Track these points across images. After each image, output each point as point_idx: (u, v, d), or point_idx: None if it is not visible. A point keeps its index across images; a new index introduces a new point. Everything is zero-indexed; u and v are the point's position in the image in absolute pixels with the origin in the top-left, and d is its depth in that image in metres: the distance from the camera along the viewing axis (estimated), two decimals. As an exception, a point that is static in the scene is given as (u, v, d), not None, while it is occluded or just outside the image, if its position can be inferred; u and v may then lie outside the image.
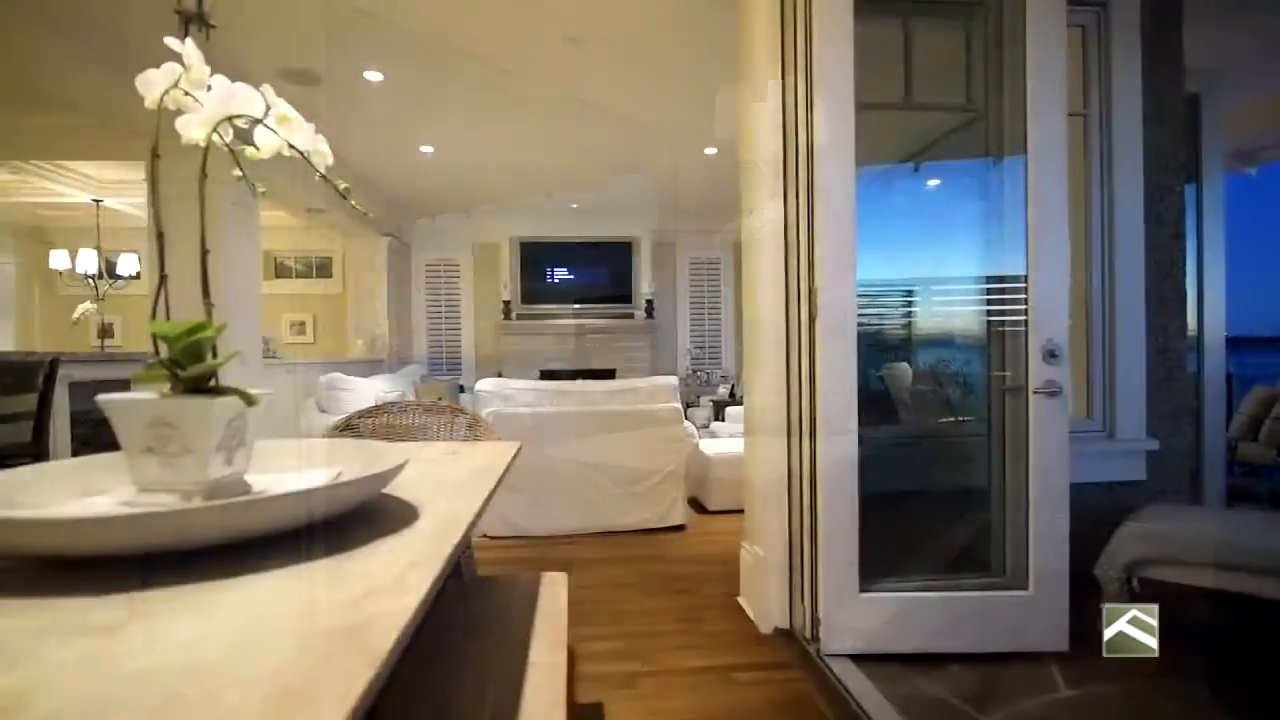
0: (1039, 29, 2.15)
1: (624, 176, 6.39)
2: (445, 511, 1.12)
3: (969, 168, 2.58)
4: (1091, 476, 2.60)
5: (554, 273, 8.21)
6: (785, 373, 2.38)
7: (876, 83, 2.47)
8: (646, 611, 2.69)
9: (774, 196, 2.39)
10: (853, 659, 2.17)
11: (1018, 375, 2.21)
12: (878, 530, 2.39)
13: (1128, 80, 2.60)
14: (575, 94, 4.38)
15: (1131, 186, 2.59)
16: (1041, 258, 2.14)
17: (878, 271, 2.59)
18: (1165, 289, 2.66)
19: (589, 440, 3.83)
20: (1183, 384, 2.70)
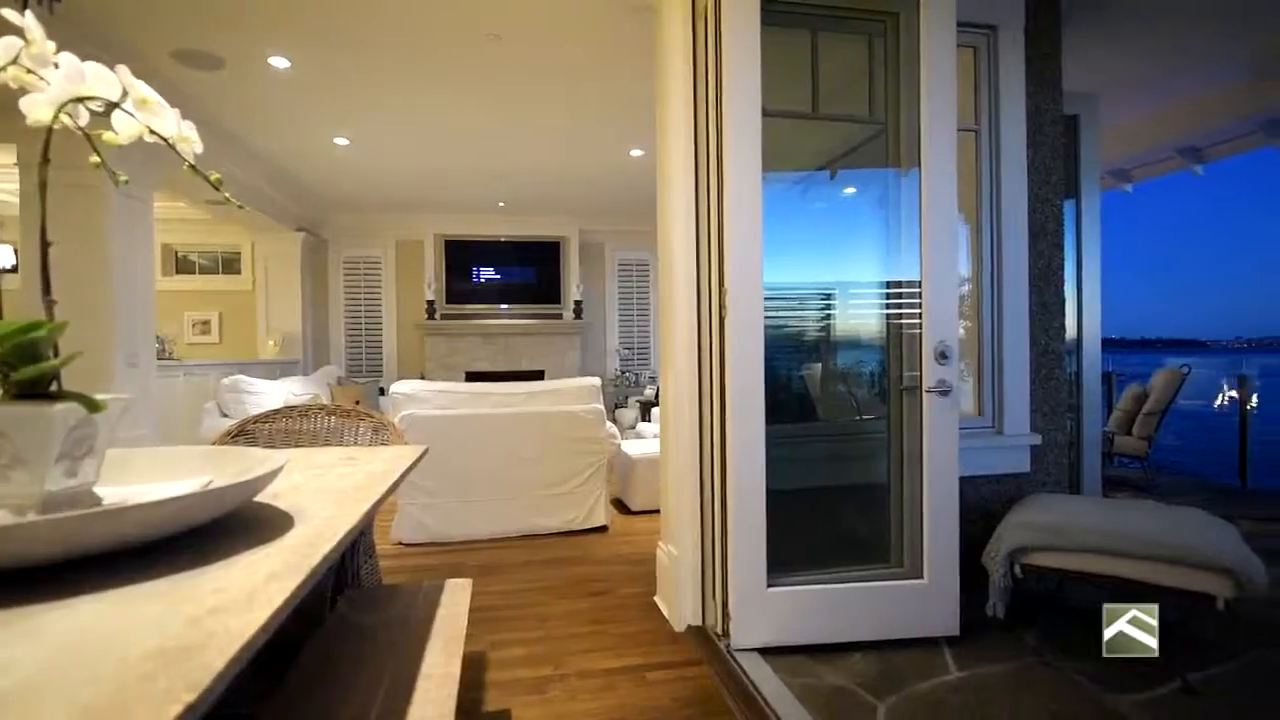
0: (932, 48, 2.28)
1: (551, 176, 6.34)
2: (324, 520, 1.07)
3: (878, 177, 2.71)
4: (982, 469, 2.78)
5: (480, 272, 8.05)
6: (697, 372, 2.42)
7: (790, 92, 2.55)
8: (563, 614, 2.67)
9: (687, 199, 2.42)
10: (761, 652, 2.23)
11: (914, 375, 2.33)
12: (788, 526, 2.46)
13: (1014, 99, 2.79)
14: (498, 91, 4.31)
15: (1016, 199, 2.78)
16: (933, 264, 2.26)
17: (797, 274, 2.68)
18: (1047, 295, 2.87)
19: (509, 443, 3.78)
20: (1062, 383, 2.92)
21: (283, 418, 2.39)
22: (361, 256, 8.08)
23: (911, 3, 2.32)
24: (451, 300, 7.98)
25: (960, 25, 2.69)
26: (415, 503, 3.61)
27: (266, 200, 6.29)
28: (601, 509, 3.84)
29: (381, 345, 8.13)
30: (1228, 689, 2.03)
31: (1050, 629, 2.43)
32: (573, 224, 8.18)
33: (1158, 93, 4.41)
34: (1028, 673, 2.14)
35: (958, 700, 1.98)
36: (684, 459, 2.45)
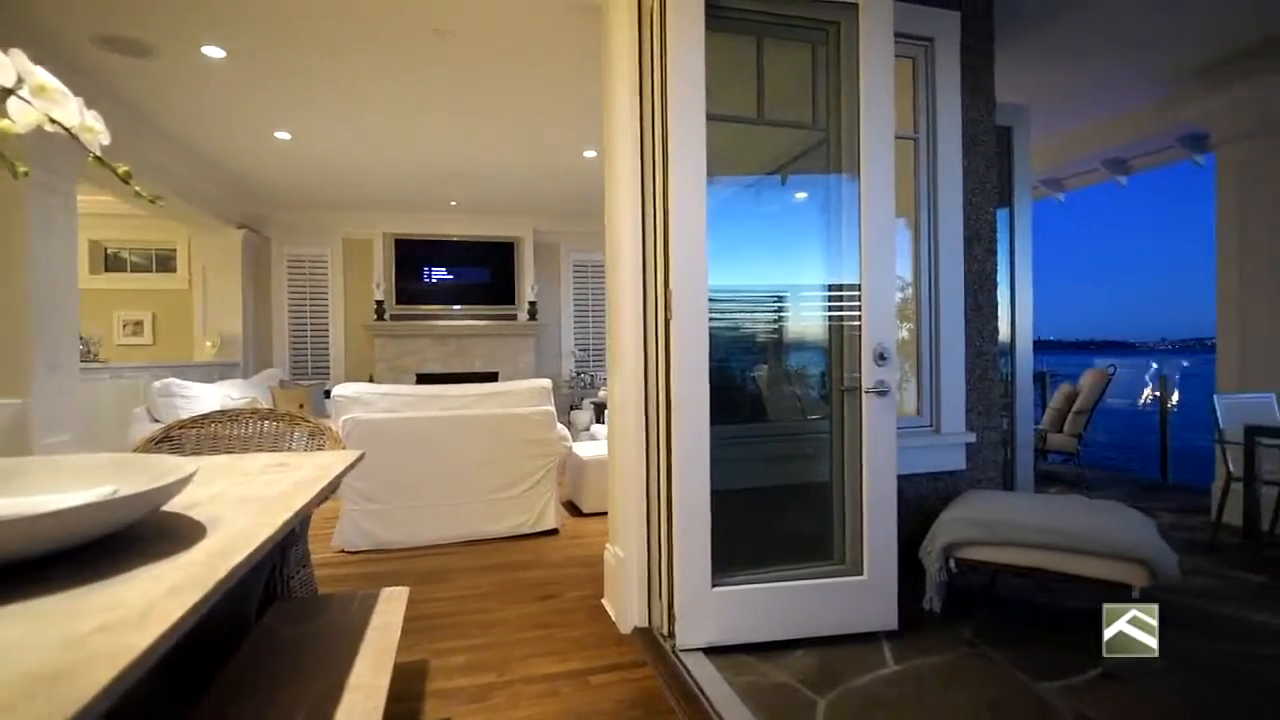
0: (870, 57, 2.34)
1: (504, 175, 6.27)
2: (240, 530, 1.03)
3: (823, 182, 2.76)
4: (921, 467, 2.87)
5: (431, 272, 7.89)
6: (643, 374, 2.42)
7: (738, 97, 2.58)
8: (509, 620, 2.63)
9: (632, 201, 2.42)
10: (706, 652, 2.24)
11: (854, 376, 2.38)
12: (735, 526, 2.48)
13: (950, 109, 2.89)
14: (447, 88, 4.23)
15: (953, 206, 2.88)
16: (872, 268, 2.32)
17: (747, 277, 2.71)
18: (981, 298, 2.98)
19: (458, 446, 3.71)
20: (996, 383, 3.04)
21: (211, 423, 2.29)
22: (307, 255, 7.82)
23: (851, 13, 2.37)
24: (402, 301, 7.80)
25: (899, 36, 2.77)
26: (358, 509, 3.51)
27: (203, 196, 6.03)
28: (552, 512, 3.80)
29: (328, 347, 7.89)
30: (1144, 673, 2.14)
31: (984, 621, 2.51)
32: (527, 224, 8.11)
33: (1085, 106, 4.64)
34: (962, 663, 2.21)
35: (894, 693, 2.03)
36: (630, 461, 2.45)
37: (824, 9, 2.39)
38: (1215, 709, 1.94)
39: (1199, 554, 3.32)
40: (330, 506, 3.61)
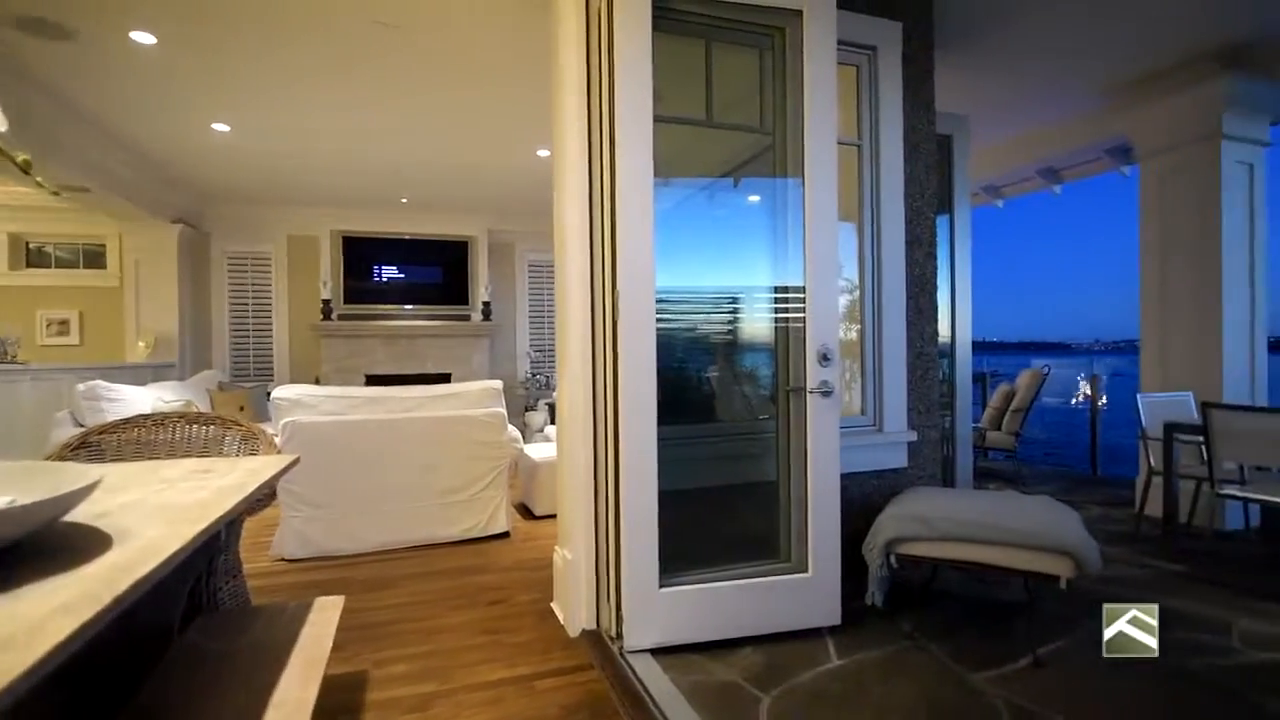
0: (814, 63, 2.38)
1: (456, 173, 6.16)
2: (148, 542, 0.98)
3: (773, 186, 2.79)
4: (865, 466, 2.93)
5: (381, 270, 7.69)
6: (591, 375, 2.41)
7: (690, 99, 2.59)
8: (455, 626, 2.58)
9: (580, 201, 2.41)
10: (654, 653, 2.25)
11: (800, 377, 2.42)
12: (684, 525, 2.49)
13: (892, 117, 2.97)
14: (395, 83, 4.12)
15: (895, 211, 2.96)
16: (816, 271, 2.36)
17: (700, 278, 2.72)
18: (922, 301, 3.07)
19: (405, 449, 3.62)
20: (936, 383, 3.14)
21: (135, 427, 2.18)
22: (249, 252, 7.52)
23: (796, 19, 2.41)
24: (350, 300, 7.58)
25: (843, 44, 2.83)
26: (299, 515, 3.39)
27: (135, 189, 5.73)
28: (503, 515, 3.75)
29: (272, 347, 7.60)
30: (1070, 659, 2.24)
31: (924, 614, 2.59)
32: (481, 223, 7.98)
33: (1021, 117, 4.83)
34: (902, 657, 2.27)
35: (837, 688, 2.07)
36: (578, 462, 2.43)
37: (770, 15, 2.42)
38: (1133, 691, 2.04)
39: (1123, 544, 3.49)
40: (271, 514, 3.48)
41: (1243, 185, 3.85)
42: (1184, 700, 2.00)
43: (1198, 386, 3.79)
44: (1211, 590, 2.86)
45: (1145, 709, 1.95)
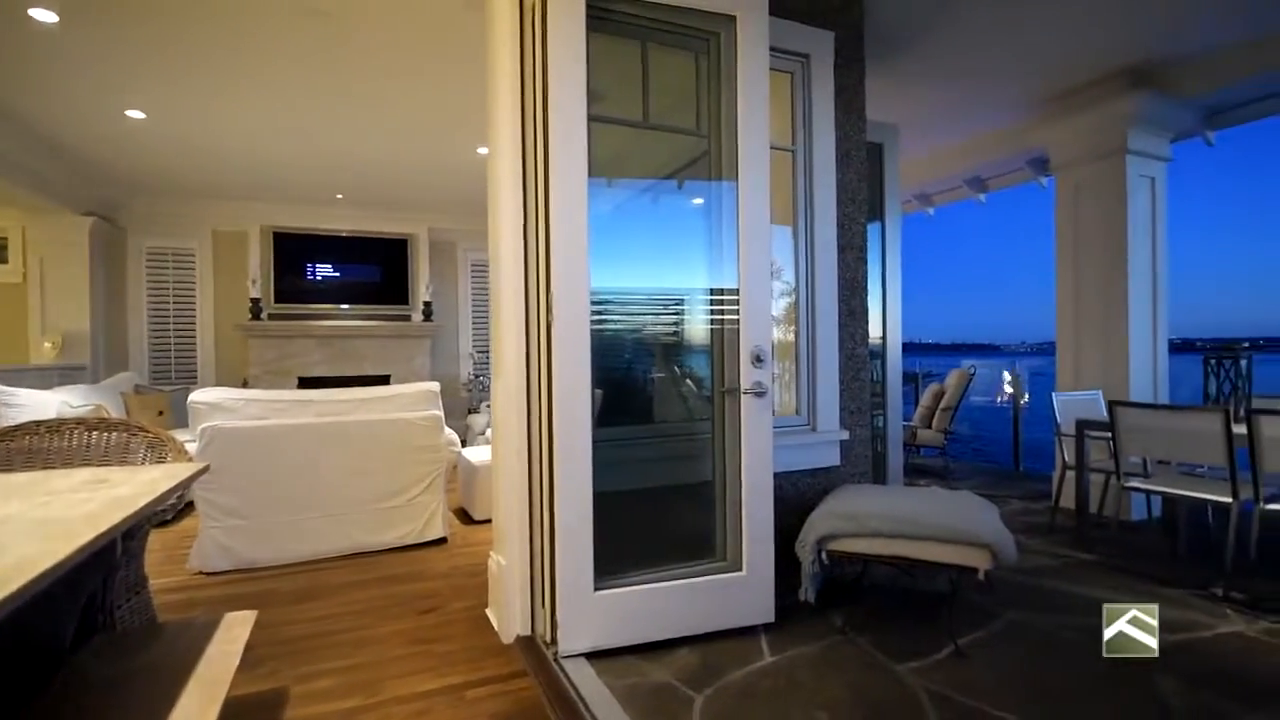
0: (747, 69, 2.41)
1: (395, 169, 5.98)
2: (18, 560, 0.90)
3: (711, 189, 2.82)
4: (800, 465, 2.99)
5: (315, 269, 7.40)
6: (525, 376, 2.37)
7: (631, 101, 2.58)
8: (386, 636, 2.50)
9: (514, 200, 2.37)
10: (589, 657, 2.23)
11: (734, 378, 2.45)
12: (621, 527, 2.48)
13: (825, 124, 3.04)
14: (329, 74, 3.97)
15: (827, 215, 3.03)
16: (749, 273, 2.40)
17: (642, 279, 2.72)
18: (853, 303, 3.15)
19: (336, 454, 3.49)
20: (868, 383, 3.23)
21: (25, 434, 2.02)
22: (170, 248, 7.11)
23: (730, 24, 2.44)
24: (281, 299, 7.26)
25: (778, 51, 2.89)
26: (219, 525, 3.22)
27: (40, 178, 5.33)
28: (440, 520, 3.66)
29: (195, 349, 7.21)
30: (989, 648, 2.34)
31: (854, 608, 2.66)
32: (421, 221, 7.78)
33: (949, 128, 5.04)
34: (833, 651, 2.32)
35: (769, 684, 2.10)
36: (513, 465, 2.39)
37: (704, 19, 2.45)
38: (1044, 676, 2.15)
39: (1040, 536, 3.69)
40: (189, 524, 3.29)
41: (1146, 198, 4.12)
42: (1089, 682, 2.12)
43: (1107, 385, 4.03)
44: (1117, 577, 3.04)
45: (1053, 692, 2.06)
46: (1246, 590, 2.79)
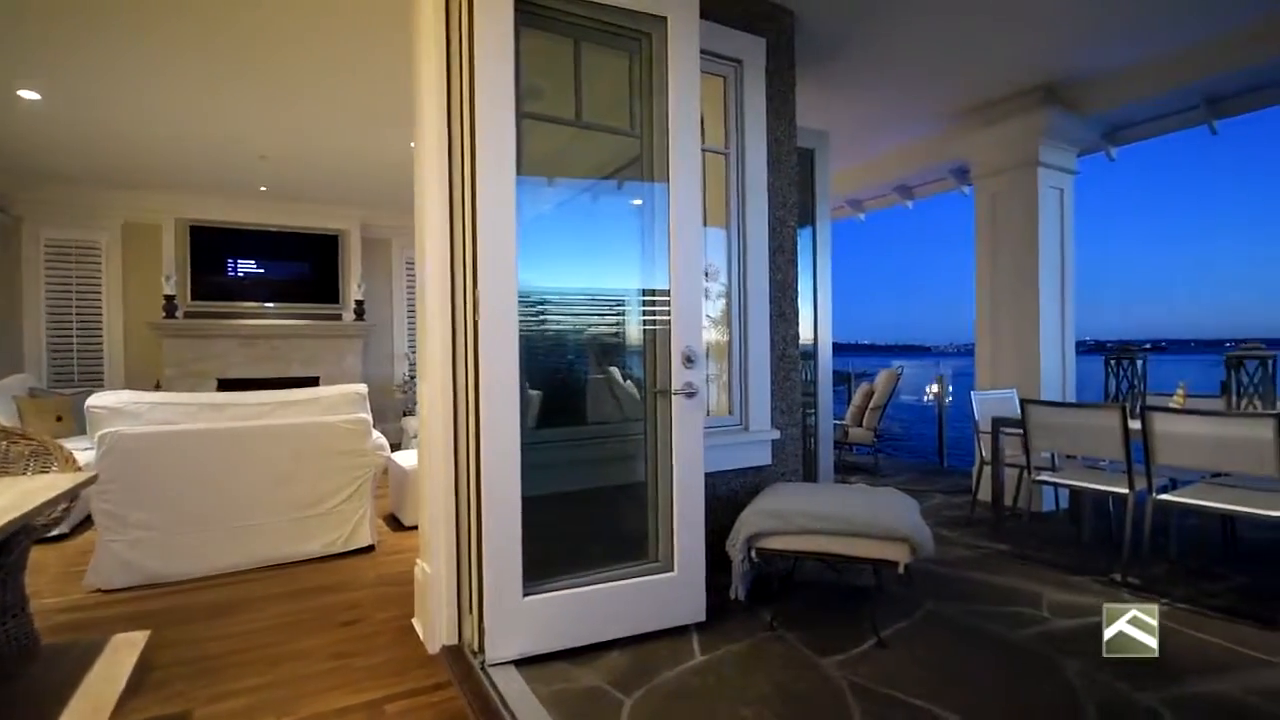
0: (678, 70, 2.42)
1: (324, 161, 5.74)
2: None
3: (646, 189, 2.81)
4: (732, 464, 3.03)
5: (237, 265, 7.03)
6: (452, 378, 2.31)
7: (569, 100, 2.55)
8: (305, 651, 2.39)
9: (440, 197, 2.31)
10: (518, 664, 2.19)
11: (666, 379, 2.45)
12: (552, 530, 2.45)
13: (757, 129, 3.09)
14: (248, 58, 3.76)
15: (759, 218, 3.09)
16: (680, 274, 2.41)
17: (576, 280, 2.69)
18: (784, 305, 3.22)
19: (255, 461, 3.31)
20: (798, 383, 3.30)
21: (-117, 445, 1.83)
22: (73, 240, 6.60)
23: (661, 25, 2.45)
24: (200, 297, 6.86)
25: (711, 55, 2.92)
26: (121, 539, 3.00)
27: (-84, 161, 4.87)
28: (367, 528, 3.53)
29: (102, 349, 6.72)
30: (909, 638, 2.43)
31: (784, 604, 2.71)
32: (353, 216, 7.50)
33: (878, 136, 5.22)
34: (762, 648, 2.36)
35: (698, 683, 2.11)
36: (438, 468, 2.32)
37: (636, 19, 2.44)
38: (960, 663, 2.24)
39: (959, 528, 3.86)
40: (88, 538, 3.06)
41: (1055, 208, 4.38)
42: (1000, 667, 2.22)
43: (1021, 385, 4.26)
44: (1028, 566, 3.21)
45: (967, 677, 2.15)
46: (1141, 575, 3.00)
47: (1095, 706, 1.97)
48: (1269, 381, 2.98)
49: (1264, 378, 2.99)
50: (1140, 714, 1.93)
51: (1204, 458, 2.78)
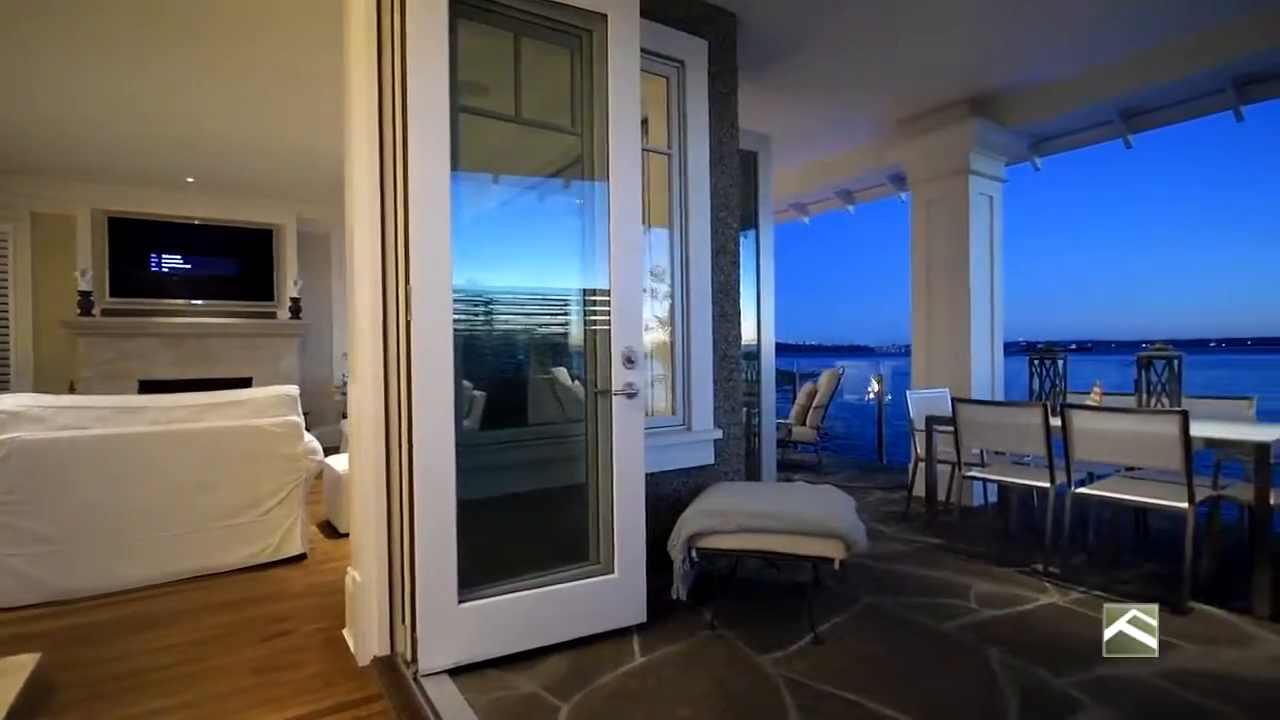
0: (618, 68, 2.41)
1: (256, 152, 5.48)
2: None
3: (587, 188, 2.78)
4: (675, 464, 3.04)
5: (161, 259, 6.66)
6: (383, 379, 2.23)
7: (508, 94, 2.49)
8: (227, 667, 2.27)
9: (371, 194, 2.22)
10: (453, 673, 2.13)
11: (607, 379, 2.44)
12: (489, 534, 2.40)
13: (699, 130, 3.11)
14: (169, 38, 3.54)
15: (702, 220, 3.10)
16: (620, 274, 2.39)
17: (519, 279, 2.63)
18: (727, 306, 3.25)
19: (174, 467, 3.13)
20: (740, 383, 3.34)
21: None
22: (-27, 231, 6.12)
23: (601, 23, 2.43)
24: (119, 293, 6.46)
25: (654, 54, 2.92)
26: (21, 554, 2.79)
27: None
28: (298, 535, 3.38)
29: (9, 349, 6.26)
30: (845, 633, 2.48)
31: (725, 603, 2.73)
32: (289, 210, 7.21)
33: (820, 142, 5.34)
34: (701, 647, 2.37)
35: (637, 685, 2.10)
36: (369, 473, 2.24)
37: (576, 15, 2.42)
38: (891, 655, 2.30)
39: (895, 523, 3.98)
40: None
41: (985, 214, 4.56)
42: (929, 657, 2.29)
43: (954, 384, 4.42)
44: (958, 559, 3.34)
45: (898, 668, 2.21)
46: (1062, 565, 3.15)
47: (1015, 692, 2.05)
48: (1175, 380, 3.18)
49: (1171, 377, 3.18)
50: (1056, 697, 2.02)
51: (1117, 453, 2.94)
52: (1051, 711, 1.94)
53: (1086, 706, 1.96)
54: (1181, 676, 2.14)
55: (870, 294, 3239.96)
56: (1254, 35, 3.33)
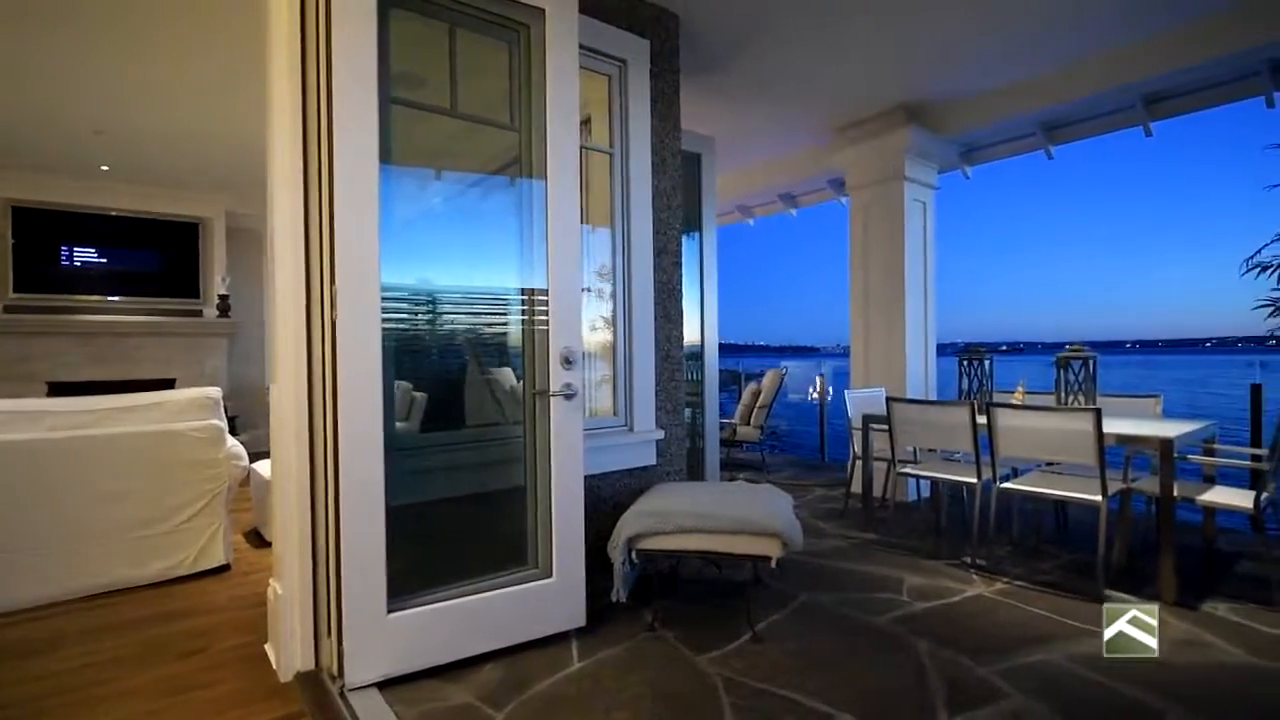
0: (556, 64, 2.38)
1: (179, 140, 5.18)
2: None
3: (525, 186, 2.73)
4: (617, 465, 3.02)
5: (75, 253, 6.23)
6: (307, 380, 2.14)
7: (445, 88, 2.42)
8: (137, 689, 2.12)
9: (294, 184, 2.13)
10: (382, 686, 2.05)
11: (545, 380, 2.40)
12: (423, 540, 2.33)
13: (641, 130, 3.10)
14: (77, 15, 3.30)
15: (644, 220, 3.10)
16: (558, 274, 2.36)
17: (457, 278, 2.56)
18: (669, 307, 3.25)
19: (81, 475, 2.92)
20: (682, 384, 3.35)
21: None
22: None
23: (539, 18, 2.39)
24: (27, 288, 6.01)
25: (595, 52, 2.90)
26: (-100, 572, 2.55)
27: None
28: (220, 545, 3.21)
29: (-106, 347, 5.74)
30: (782, 630, 2.51)
31: (666, 603, 2.73)
32: (217, 203, 6.86)
33: (763, 146, 5.42)
34: (641, 648, 2.36)
35: (573, 690, 2.07)
36: (291, 478, 2.14)
37: (513, 8, 2.37)
38: (826, 650, 2.34)
39: (834, 520, 4.07)
40: None
41: (919, 220, 4.72)
42: (862, 651, 2.34)
43: (889, 383, 4.56)
44: (892, 554, 3.43)
45: (832, 663, 2.25)
46: (988, 557, 3.29)
47: (942, 681, 2.12)
48: (1090, 380, 3.36)
49: (1086, 376, 3.36)
50: (979, 685, 2.09)
51: (1038, 448, 3.08)
52: (976, 699, 2.01)
53: (1009, 695, 2.04)
54: (1096, 662, 2.25)
55: (814, 295, 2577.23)
56: (1161, 57, 3.55)
